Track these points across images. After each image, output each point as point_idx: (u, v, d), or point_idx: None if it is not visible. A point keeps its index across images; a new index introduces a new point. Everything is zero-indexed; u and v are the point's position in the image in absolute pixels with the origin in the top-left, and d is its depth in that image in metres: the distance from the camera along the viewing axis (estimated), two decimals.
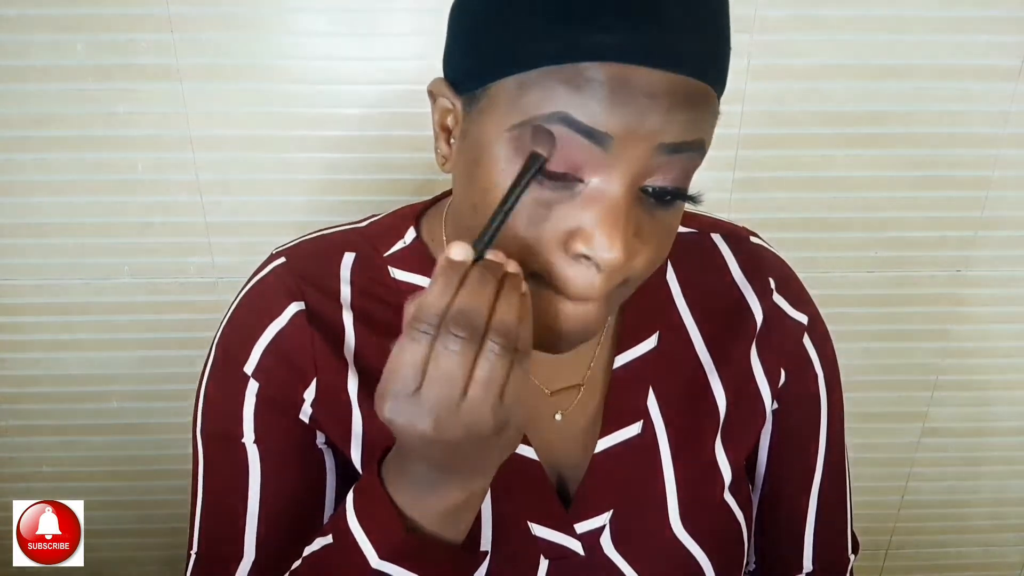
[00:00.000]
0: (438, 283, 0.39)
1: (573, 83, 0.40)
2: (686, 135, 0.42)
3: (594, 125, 0.40)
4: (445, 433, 0.39)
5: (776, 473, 0.64)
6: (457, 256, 0.40)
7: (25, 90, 0.94)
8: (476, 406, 0.39)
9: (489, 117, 0.44)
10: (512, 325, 0.39)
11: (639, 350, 0.59)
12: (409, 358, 0.39)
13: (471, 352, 0.38)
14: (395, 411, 0.39)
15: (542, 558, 0.55)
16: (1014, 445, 1.24)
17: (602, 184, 0.42)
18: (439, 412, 0.39)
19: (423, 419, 0.39)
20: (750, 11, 0.94)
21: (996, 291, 1.12)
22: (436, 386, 0.39)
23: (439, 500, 0.45)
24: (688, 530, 0.56)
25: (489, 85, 0.43)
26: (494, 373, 0.39)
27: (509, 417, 0.41)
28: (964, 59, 0.97)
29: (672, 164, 0.43)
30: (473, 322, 0.38)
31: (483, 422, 0.39)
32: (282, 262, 0.57)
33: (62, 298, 1.05)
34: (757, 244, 0.64)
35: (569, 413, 0.58)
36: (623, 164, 0.41)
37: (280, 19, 0.92)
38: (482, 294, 0.39)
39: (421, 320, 0.39)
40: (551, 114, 0.41)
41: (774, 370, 0.61)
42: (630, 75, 0.40)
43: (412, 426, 0.39)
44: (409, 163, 1.00)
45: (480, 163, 0.44)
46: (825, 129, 1.00)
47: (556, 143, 0.41)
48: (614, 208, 0.42)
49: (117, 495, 1.19)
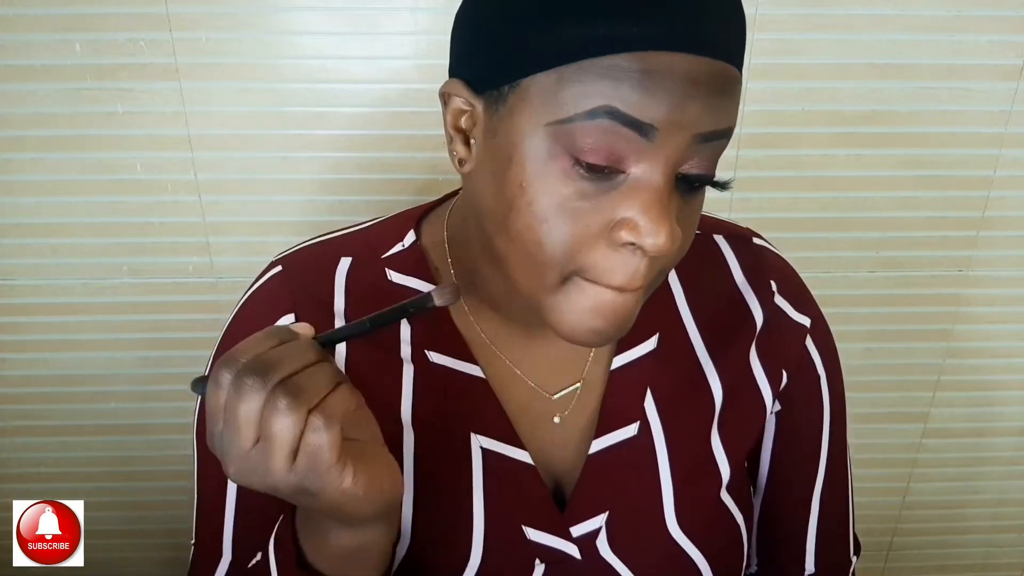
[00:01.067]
0: (260, 336, 0.41)
1: (614, 75, 0.40)
2: (722, 122, 0.43)
3: (639, 116, 0.40)
4: (245, 478, 0.40)
5: (778, 475, 0.64)
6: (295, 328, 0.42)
7: (23, 90, 0.94)
8: (264, 458, 0.39)
9: (522, 113, 0.43)
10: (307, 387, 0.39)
11: (638, 351, 0.58)
12: (213, 400, 0.40)
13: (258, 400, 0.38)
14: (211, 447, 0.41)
15: (537, 562, 0.55)
16: (1015, 445, 1.24)
17: (645, 173, 0.42)
18: (232, 457, 0.40)
19: (223, 460, 0.40)
20: (751, 10, 0.93)
21: (998, 291, 1.12)
22: (231, 429, 0.39)
23: (331, 544, 0.45)
24: (685, 531, 0.56)
25: (519, 81, 0.43)
26: (278, 429, 0.38)
27: (306, 482, 0.40)
28: (965, 58, 0.97)
29: (705, 151, 0.43)
30: (266, 372, 0.38)
31: (274, 479, 0.39)
32: (278, 271, 0.58)
33: (61, 298, 1.05)
34: (760, 245, 0.63)
35: (567, 416, 0.58)
36: (665, 153, 0.42)
37: (279, 18, 0.92)
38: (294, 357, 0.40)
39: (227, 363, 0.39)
40: (595, 108, 0.41)
41: (775, 372, 0.61)
42: (670, 63, 0.40)
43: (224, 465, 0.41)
44: (409, 163, 1.00)
45: (513, 160, 0.44)
46: (826, 129, 1.00)
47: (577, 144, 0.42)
48: (659, 196, 0.42)
49: (116, 495, 1.19)
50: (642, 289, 0.46)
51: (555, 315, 0.47)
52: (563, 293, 0.46)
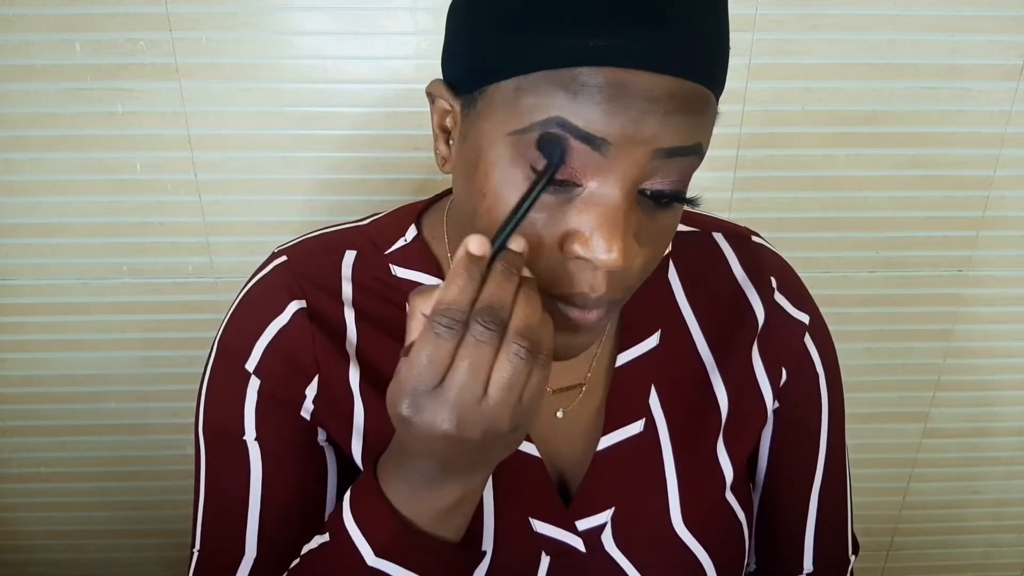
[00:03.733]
0: (460, 277, 0.39)
1: (570, 88, 0.40)
2: (684, 139, 0.42)
3: (591, 131, 0.40)
4: (465, 432, 0.39)
5: (777, 473, 0.64)
6: (476, 250, 0.40)
7: (23, 89, 0.94)
8: (497, 407, 0.39)
9: (487, 120, 0.43)
10: (536, 327, 0.39)
11: (641, 348, 0.59)
12: (432, 353, 0.38)
13: (496, 346, 0.38)
14: (415, 408, 0.39)
15: (543, 555, 0.55)
16: (1015, 445, 1.24)
17: (599, 188, 0.42)
18: (461, 410, 0.38)
19: (445, 417, 0.39)
20: (750, 10, 0.93)
21: (998, 291, 1.12)
22: (460, 380, 0.38)
23: (436, 499, 0.45)
24: (689, 528, 0.56)
25: (486, 88, 0.43)
26: (517, 376, 0.38)
27: (524, 420, 0.41)
28: (965, 58, 0.97)
29: (670, 168, 0.42)
30: (501, 316, 0.38)
31: (501, 423, 0.39)
32: (283, 261, 0.57)
33: (60, 298, 1.05)
34: (758, 244, 0.64)
35: (571, 411, 0.58)
36: (620, 168, 0.41)
37: (279, 18, 0.92)
38: (507, 290, 0.39)
39: (444, 315, 0.38)
40: (548, 119, 0.40)
41: (775, 369, 0.61)
42: (627, 80, 0.40)
43: (431, 424, 0.39)
44: (408, 162, 1.00)
45: (478, 166, 0.44)
46: (826, 129, 1.00)
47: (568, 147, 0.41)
48: (612, 211, 0.42)
49: (115, 495, 1.19)
50: (604, 305, 0.45)
51: None
52: None
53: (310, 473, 0.56)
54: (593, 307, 0.45)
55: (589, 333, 0.47)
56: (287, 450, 0.55)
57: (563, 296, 0.45)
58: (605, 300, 0.45)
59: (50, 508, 1.21)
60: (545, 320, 0.40)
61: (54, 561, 1.25)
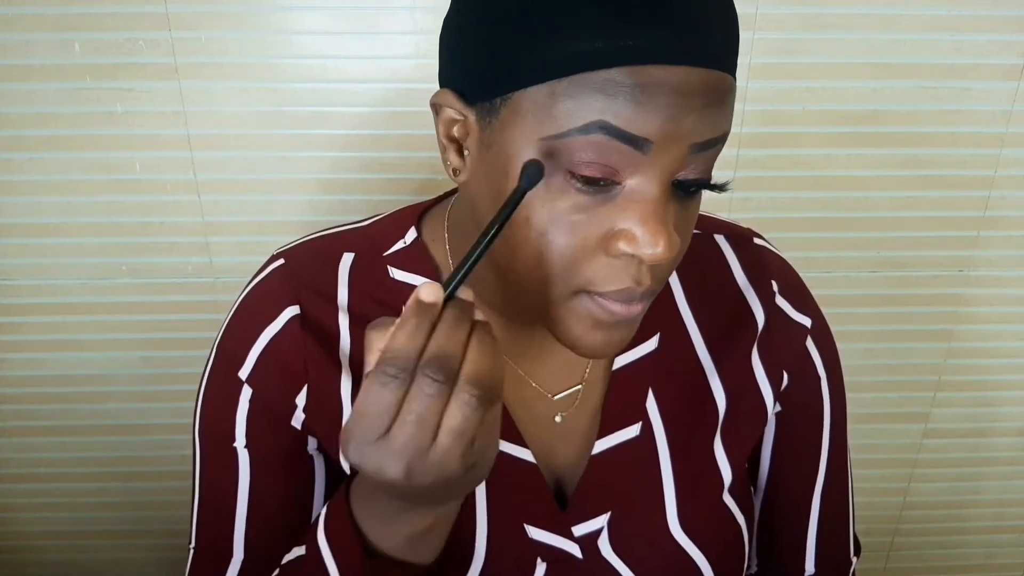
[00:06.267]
0: (409, 324, 0.38)
1: (607, 89, 0.40)
2: (718, 130, 0.43)
3: (633, 131, 0.40)
4: (415, 479, 0.38)
5: (779, 475, 0.64)
6: (428, 298, 0.39)
7: (23, 89, 0.94)
8: (447, 453, 0.38)
9: (515, 128, 0.43)
10: (487, 373, 0.38)
11: (639, 351, 0.58)
12: (378, 401, 0.37)
13: (445, 398, 0.37)
14: (362, 455, 0.38)
15: (539, 561, 0.55)
16: (1016, 446, 1.24)
17: (641, 185, 0.42)
18: (409, 458, 0.38)
19: (393, 465, 0.38)
20: (751, 10, 0.93)
21: (999, 291, 1.11)
22: (407, 431, 0.37)
23: (404, 527, 0.45)
24: (687, 532, 0.56)
25: (511, 94, 0.42)
26: (467, 423, 0.37)
27: (480, 458, 0.40)
28: (966, 58, 0.96)
29: (702, 158, 0.43)
30: (450, 366, 0.37)
31: (452, 468, 0.38)
32: (281, 264, 0.57)
33: (60, 298, 1.05)
34: (760, 246, 0.63)
35: (569, 415, 0.58)
36: (661, 164, 0.42)
37: (279, 17, 0.92)
38: (457, 338, 0.38)
39: (391, 363, 0.37)
40: (589, 123, 0.40)
41: (776, 373, 0.60)
42: (663, 76, 0.40)
43: (381, 471, 0.38)
44: (408, 162, 0.99)
45: (509, 174, 0.43)
46: (826, 128, 1.00)
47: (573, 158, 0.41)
48: (655, 205, 0.42)
49: (115, 496, 1.19)
50: (648, 297, 0.46)
51: (561, 327, 0.47)
52: (569, 306, 0.46)
53: (298, 482, 0.56)
54: (639, 301, 0.46)
55: (628, 327, 0.48)
56: (275, 459, 0.55)
57: (609, 293, 0.45)
58: (649, 292, 0.46)
59: (50, 508, 1.21)
60: (498, 364, 0.40)
61: (54, 562, 1.25)
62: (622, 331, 0.48)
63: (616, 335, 0.47)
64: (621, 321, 0.47)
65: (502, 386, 0.40)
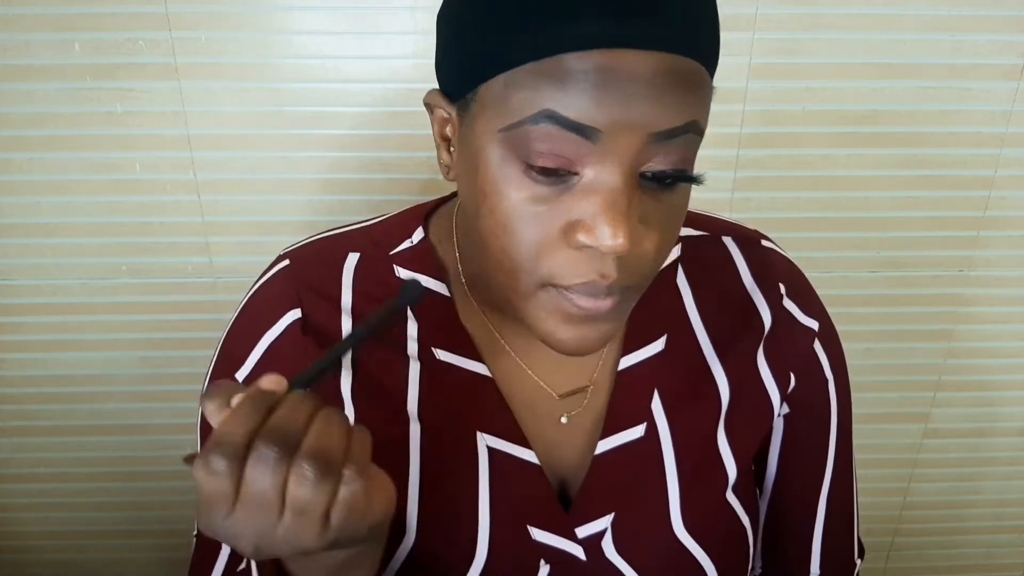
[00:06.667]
0: (244, 407, 0.38)
1: (556, 77, 0.40)
2: (678, 119, 0.41)
3: (580, 120, 0.40)
4: (270, 552, 0.38)
5: (785, 477, 0.64)
6: (269, 385, 0.39)
7: (23, 89, 0.94)
8: (295, 531, 0.37)
9: (480, 121, 0.43)
10: (331, 446, 0.37)
11: (645, 352, 0.58)
12: (213, 485, 0.36)
13: (283, 472, 0.36)
14: (214, 533, 0.38)
15: (542, 562, 0.54)
16: (1016, 446, 1.24)
17: (597, 175, 0.42)
18: (256, 537, 0.37)
19: (242, 543, 0.37)
20: (751, 10, 0.93)
21: (999, 291, 1.11)
22: (248, 512, 0.36)
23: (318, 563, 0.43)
24: (691, 533, 0.56)
25: (478, 89, 0.43)
26: (311, 500, 0.36)
27: (341, 536, 0.39)
28: (966, 58, 0.96)
29: (669, 148, 0.42)
30: (286, 440, 0.36)
31: (308, 543, 0.37)
32: (285, 266, 0.57)
33: (60, 298, 1.05)
34: (768, 248, 0.63)
35: (574, 416, 0.58)
36: (616, 153, 0.41)
37: (279, 17, 0.92)
38: (297, 414, 0.38)
39: (222, 443, 0.36)
40: (538, 113, 0.40)
41: (783, 374, 0.60)
42: (613, 62, 0.39)
43: (235, 544, 0.38)
44: (409, 162, 0.99)
45: (477, 168, 0.44)
46: (826, 128, 1.00)
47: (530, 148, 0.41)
48: (612, 196, 0.41)
49: (115, 496, 1.19)
50: (617, 292, 0.45)
51: (533, 322, 0.47)
52: (538, 301, 0.46)
53: None
54: (606, 295, 0.44)
55: (606, 324, 0.47)
56: None
57: (574, 287, 0.44)
58: (618, 287, 0.44)
59: (50, 508, 1.20)
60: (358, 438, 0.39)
61: (54, 562, 1.25)
62: (598, 327, 0.46)
63: (592, 331, 0.46)
64: (592, 316, 0.45)
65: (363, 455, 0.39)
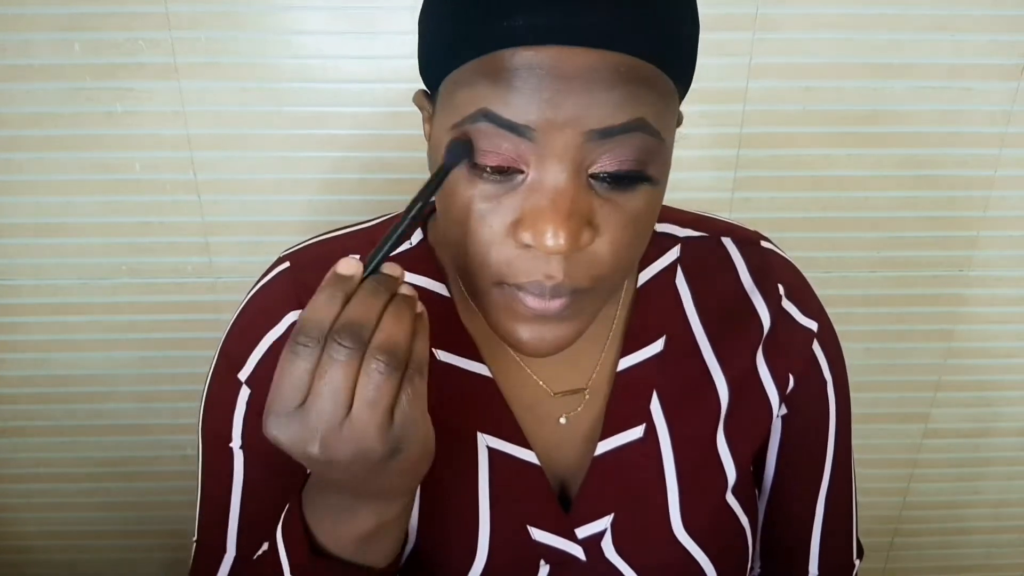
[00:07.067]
0: (322, 295, 0.38)
1: (492, 75, 0.40)
2: (617, 116, 0.40)
3: (513, 118, 0.40)
4: (332, 453, 0.37)
5: (784, 478, 0.64)
6: (345, 271, 0.39)
7: (22, 89, 0.94)
8: (362, 426, 0.37)
9: (438, 119, 0.44)
10: (400, 342, 0.37)
11: (644, 353, 0.58)
12: (292, 372, 0.37)
13: (356, 366, 0.36)
14: (279, 428, 0.38)
15: (542, 563, 0.54)
16: (1016, 446, 1.24)
17: (540, 174, 0.41)
18: (324, 431, 0.37)
19: (308, 438, 0.37)
20: (751, 10, 0.93)
21: (999, 291, 1.11)
22: (320, 402, 0.37)
23: (349, 528, 0.44)
24: (690, 533, 0.56)
25: (438, 88, 0.44)
26: (379, 392, 0.37)
27: (401, 441, 0.39)
28: (965, 58, 0.96)
29: (616, 147, 0.41)
30: (360, 334, 0.37)
31: (370, 444, 0.37)
32: (286, 268, 0.57)
33: (60, 298, 1.05)
34: (768, 249, 0.63)
35: (574, 417, 0.57)
36: (555, 152, 0.40)
37: (279, 17, 0.92)
38: (372, 307, 0.38)
39: (304, 333, 0.37)
40: (475, 112, 0.40)
41: (782, 375, 0.60)
42: (545, 58, 0.39)
43: (297, 445, 0.38)
44: (409, 162, 0.99)
45: (437, 163, 0.44)
46: (826, 128, 1.00)
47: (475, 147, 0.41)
48: (554, 196, 0.41)
49: (115, 496, 1.19)
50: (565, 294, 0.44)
51: (490, 319, 0.47)
52: (491, 298, 0.46)
53: (291, 483, 0.56)
54: (553, 296, 0.44)
55: (561, 324, 0.46)
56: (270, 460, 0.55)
57: (522, 285, 0.44)
58: (566, 288, 0.44)
59: (50, 508, 1.21)
60: (419, 334, 0.39)
61: (53, 562, 1.25)
62: (553, 328, 0.46)
63: (547, 332, 0.46)
64: (543, 316, 0.45)
65: (425, 356, 0.39)
